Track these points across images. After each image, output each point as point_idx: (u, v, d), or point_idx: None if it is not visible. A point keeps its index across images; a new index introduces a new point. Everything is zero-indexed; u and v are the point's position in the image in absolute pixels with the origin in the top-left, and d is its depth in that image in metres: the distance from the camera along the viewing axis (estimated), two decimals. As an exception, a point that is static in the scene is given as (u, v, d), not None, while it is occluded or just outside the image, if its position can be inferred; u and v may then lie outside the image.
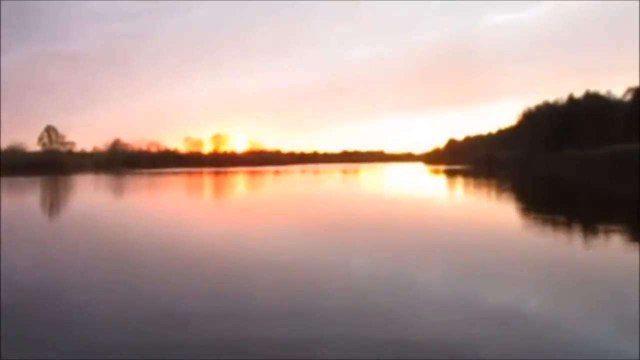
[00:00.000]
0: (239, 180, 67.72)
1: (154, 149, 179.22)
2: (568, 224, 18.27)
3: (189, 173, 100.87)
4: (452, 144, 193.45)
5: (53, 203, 33.16)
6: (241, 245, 14.47)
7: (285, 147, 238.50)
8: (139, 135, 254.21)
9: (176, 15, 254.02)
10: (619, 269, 10.63)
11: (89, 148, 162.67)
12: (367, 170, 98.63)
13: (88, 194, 42.02)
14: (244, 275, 10.42)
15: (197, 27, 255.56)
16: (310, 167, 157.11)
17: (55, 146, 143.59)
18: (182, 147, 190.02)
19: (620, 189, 37.17)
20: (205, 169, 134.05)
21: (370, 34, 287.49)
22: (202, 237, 16.08)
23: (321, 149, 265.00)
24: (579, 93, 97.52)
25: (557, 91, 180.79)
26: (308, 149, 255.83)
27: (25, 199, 36.30)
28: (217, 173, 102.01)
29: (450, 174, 73.76)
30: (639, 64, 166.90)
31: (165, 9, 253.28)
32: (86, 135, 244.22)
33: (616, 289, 9.07)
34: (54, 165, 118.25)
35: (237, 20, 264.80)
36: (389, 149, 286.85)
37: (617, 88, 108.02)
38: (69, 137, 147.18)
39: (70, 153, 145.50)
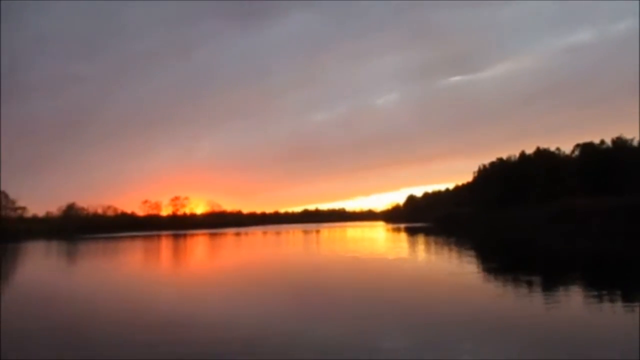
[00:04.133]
0: (196, 244, 65.98)
1: (110, 213, 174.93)
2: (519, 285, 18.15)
3: (146, 237, 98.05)
4: (411, 201, 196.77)
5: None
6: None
7: (246, 208, 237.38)
8: (95, 199, 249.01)
9: (133, 79, 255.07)
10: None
11: (41, 213, 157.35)
12: (328, 232, 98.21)
13: (31, 265, 39.93)
14: None
15: (155, 91, 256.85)
16: (272, 228, 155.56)
17: (5, 212, 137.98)
18: (139, 211, 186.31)
19: (561, 245, 37.89)
20: (164, 232, 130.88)
21: (329, 98, 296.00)
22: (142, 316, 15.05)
23: (282, 209, 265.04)
24: (530, 150, 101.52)
25: (511, 149, 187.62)
26: (269, 209, 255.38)
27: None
28: (175, 236, 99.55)
29: (412, 233, 74.10)
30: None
31: (122, 73, 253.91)
32: (39, 200, 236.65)
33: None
34: (2, 231, 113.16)
35: (197, 87, 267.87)
36: (349, 207, 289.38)
37: (566, 145, 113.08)
38: (20, 202, 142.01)
39: (22, 219, 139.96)
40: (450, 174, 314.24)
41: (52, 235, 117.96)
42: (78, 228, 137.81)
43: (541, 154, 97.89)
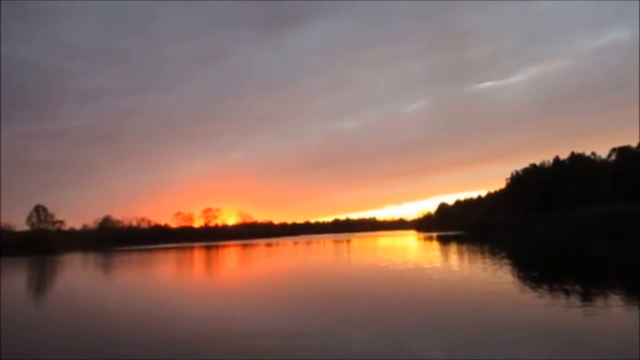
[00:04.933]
0: (229, 255, 66.74)
1: (144, 225, 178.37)
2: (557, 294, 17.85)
3: (180, 249, 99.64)
4: (443, 209, 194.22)
5: (37, 287, 32.20)
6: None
7: (277, 218, 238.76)
8: (129, 211, 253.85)
9: (164, 91, 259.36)
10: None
11: (78, 226, 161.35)
12: (359, 241, 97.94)
13: (70, 278, 41.01)
14: None
15: (185, 102, 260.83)
16: (303, 238, 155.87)
17: (44, 225, 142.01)
18: (172, 223, 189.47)
19: (600, 250, 36.98)
20: (196, 244, 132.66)
21: (358, 105, 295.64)
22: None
23: (313, 219, 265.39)
24: (564, 155, 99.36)
25: (544, 154, 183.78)
26: (300, 219, 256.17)
27: (9, 282, 35.18)
28: (207, 248, 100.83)
29: (445, 241, 73.35)
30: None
31: (154, 85, 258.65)
32: (75, 213, 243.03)
33: None
34: (42, 244, 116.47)
35: (226, 95, 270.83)
36: (380, 217, 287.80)
37: (601, 149, 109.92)
38: (58, 216, 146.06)
39: (59, 232, 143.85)
40: (482, 180, 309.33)
41: (89, 248, 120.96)
42: (113, 240, 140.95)
43: (576, 158, 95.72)
